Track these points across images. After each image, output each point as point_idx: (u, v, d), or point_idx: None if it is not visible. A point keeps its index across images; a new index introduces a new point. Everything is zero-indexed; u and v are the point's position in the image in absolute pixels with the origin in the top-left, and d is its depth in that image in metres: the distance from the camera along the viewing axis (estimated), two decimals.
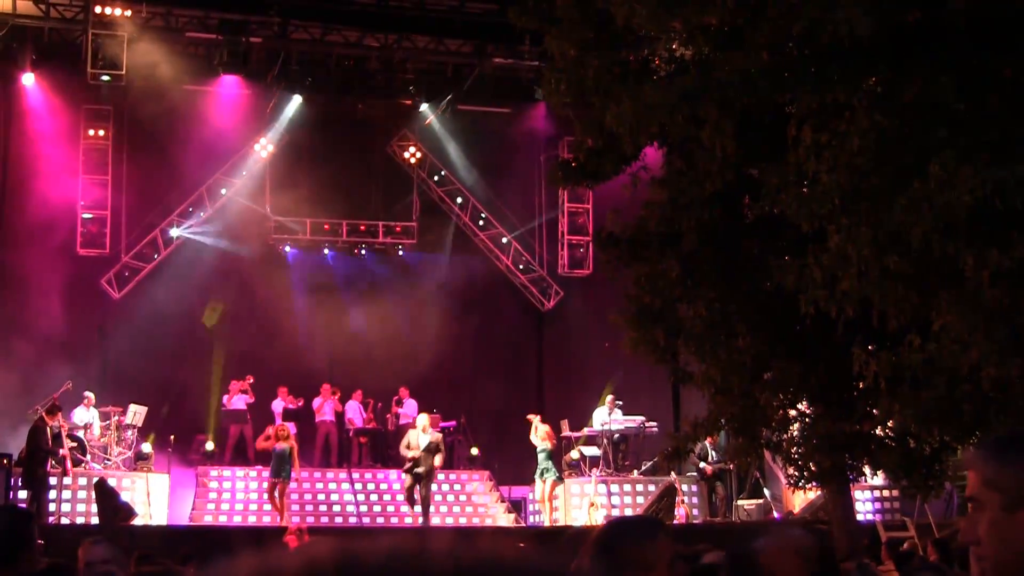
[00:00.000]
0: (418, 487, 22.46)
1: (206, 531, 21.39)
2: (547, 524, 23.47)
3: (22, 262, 27.20)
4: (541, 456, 23.31)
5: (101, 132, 28.33)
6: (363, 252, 30.78)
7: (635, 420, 25.45)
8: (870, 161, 12.09)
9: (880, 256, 12.11)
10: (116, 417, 23.82)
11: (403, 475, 23.05)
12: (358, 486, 25.33)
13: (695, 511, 23.63)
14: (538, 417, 23.94)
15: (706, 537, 12.21)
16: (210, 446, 26.56)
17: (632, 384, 26.84)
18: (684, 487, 23.63)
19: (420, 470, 22.33)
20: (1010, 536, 2.60)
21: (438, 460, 22.44)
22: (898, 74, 12.22)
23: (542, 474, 23.36)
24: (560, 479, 23.66)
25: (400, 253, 30.98)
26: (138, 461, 23.74)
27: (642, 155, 16.39)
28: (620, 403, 25.58)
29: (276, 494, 22.56)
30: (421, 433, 22.61)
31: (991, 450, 2.67)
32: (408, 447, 22.45)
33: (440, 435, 23.24)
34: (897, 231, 11.90)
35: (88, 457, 22.83)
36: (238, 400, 26.43)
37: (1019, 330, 11.69)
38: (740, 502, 23.94)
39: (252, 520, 23.62)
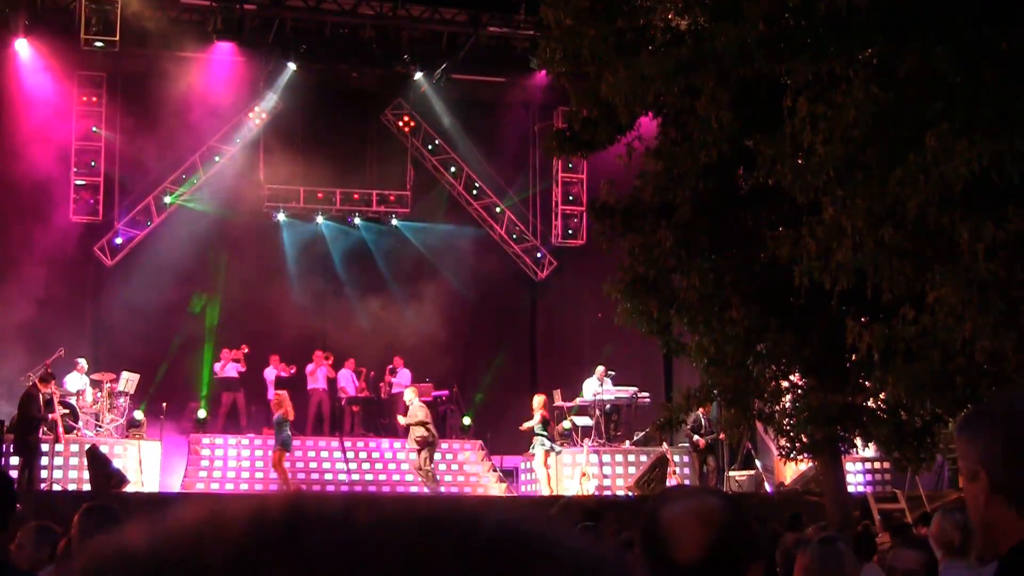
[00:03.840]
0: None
1: (197, 498, 21.35)
2: (541, 493, 23.50)
3: (15, 229, 27.11)
4: (536, 428, 23.37)
5: (94, 99, 28.25)
6: (356, 220, 30.71)
7: (627, 391, 25.41)
8: (866, 133, 12.06)
9: (875, 228, 12.10)
10: (108, 384, 23.79)
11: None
12: (350, 454, 25.31)
13: (687, 482, 23.63)
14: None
15: None
16: (202, 414, 26.53)
17: (625, 354, 26.83)
18: (676, 458, 23.63)
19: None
20: (973, 506, 2.60)
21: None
22: (895, 46, 12.17)
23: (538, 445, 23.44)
24: (551, 450, 23.65)
25: (393, 222, 30.91)
26: (130, 428, 23.72)
27: (637, 125, 16.34)
28: (612, 373, 25.55)
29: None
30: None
31: (961, 425, 2.68)
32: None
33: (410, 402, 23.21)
34: (892, 203, 11.89)
35: (80, 424, 22.80)
36: (230, 368, 26.37)
37: (1013, 303, 11.68)
38: (732, 473, 23.97)
39: (244, 488, 23.61)
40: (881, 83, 12.02)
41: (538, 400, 23.63)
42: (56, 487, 21.17)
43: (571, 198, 31.44)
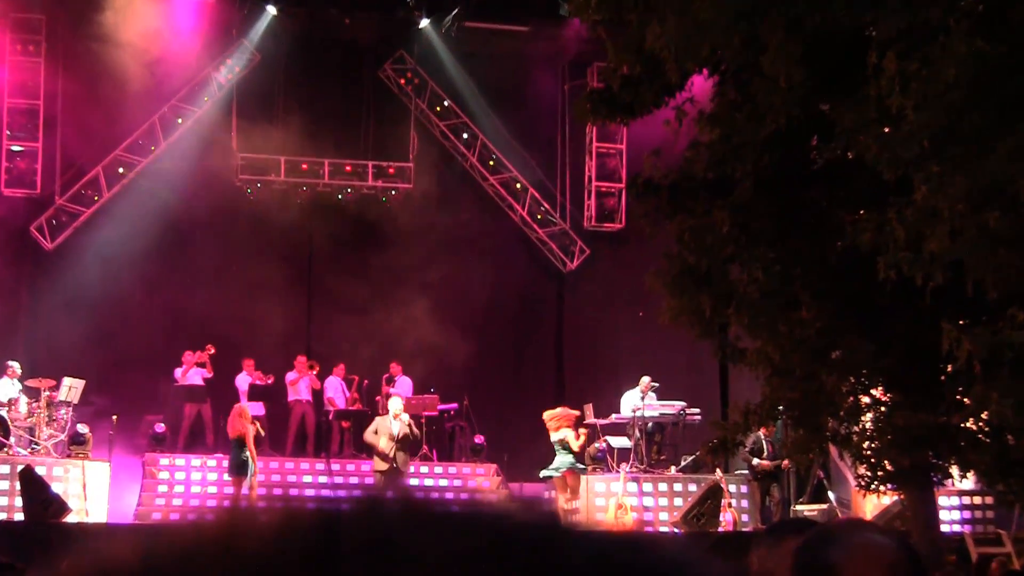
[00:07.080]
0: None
1: (153, 529, 21.38)
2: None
3: None
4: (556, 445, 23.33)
5: (31, 47, 28.24)
6: (348, 197, 30.70)
7: (673, 406, 25.42)
8: (968, 96, 11.99)
9: (977, 212, 12.03)
10: (47, 392, 23.82)
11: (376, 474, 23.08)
12: (338, 478, 25.33)
13: (744, 516, 23.63)
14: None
15: None
16: (160, 428, 26.56)
17: (671, 362, 26.82)
18: (732, 487, 23.62)
19: (395, 466, 22.52)
20: None
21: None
22: None
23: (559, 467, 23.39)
24: (576, 469, 23.56)
25: (392, 199, 30.90)
26: (73, 445, 23.74)
27: (689, 84, 16.27)
28: (656, 385, 25.53)
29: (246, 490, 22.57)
30: (393, 420, 22.66)
31: None
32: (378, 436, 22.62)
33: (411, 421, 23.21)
34: (998, 182, 11.82)
35: (12, 440, 22.86)
36: (193, 375, 26.40)
37: None
38: (799, 507, 23.94)
39: (210, 517, 23.59)
40: (987, 35, 11.95)
41: (562, 411, 23.59)
42: None
43: (608, 173, 31.42)
